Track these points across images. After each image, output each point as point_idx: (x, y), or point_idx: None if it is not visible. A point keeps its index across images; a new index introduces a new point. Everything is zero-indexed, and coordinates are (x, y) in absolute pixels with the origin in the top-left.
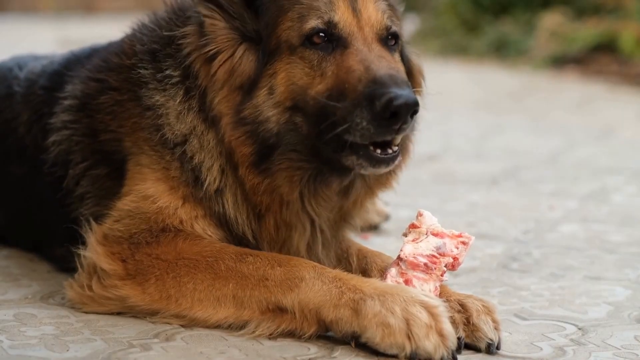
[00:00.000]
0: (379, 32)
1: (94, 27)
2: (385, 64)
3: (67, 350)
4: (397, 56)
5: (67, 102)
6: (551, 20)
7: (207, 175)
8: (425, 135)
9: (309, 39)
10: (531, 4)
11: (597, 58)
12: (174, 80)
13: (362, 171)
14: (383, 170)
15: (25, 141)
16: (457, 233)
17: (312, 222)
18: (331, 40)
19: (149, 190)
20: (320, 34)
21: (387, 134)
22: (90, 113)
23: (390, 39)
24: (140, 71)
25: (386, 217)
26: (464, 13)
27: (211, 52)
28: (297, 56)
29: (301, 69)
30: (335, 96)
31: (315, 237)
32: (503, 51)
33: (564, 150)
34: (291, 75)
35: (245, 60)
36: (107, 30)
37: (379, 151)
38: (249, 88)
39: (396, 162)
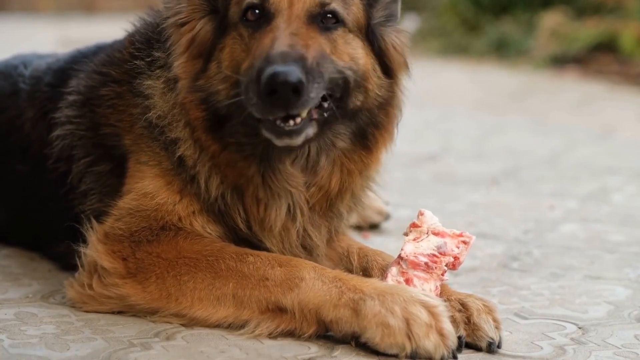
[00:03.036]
0: (310, 9)
1: (94, 27)
2: (289, 40)
3: (68, 350)
4: (337, 34)
5: (71, 98)
6: (551, 20)
7: (181, 149)
8: (425, 135)
9: (244, 15)
10: (531, 4)
11: (598, 58)
12: (161, 61)
13: (277, 143)
14: (291, 142)
15: (30, 138)
16: (457, 232)
17: (288, 200)
18: (262, 16)
19: (148, 187)
20: (255, 10)
21: (273, 111)
22: (93, 108)
23: (327, 18)
24: (136, 62)
25: (386, 217)
26: (464, 13)
27: (181, 20)
28: (237, 32)
29: (239, 45)
30: (249, 74)
31: (294, 213)
32: (503, 51)
33: (564, 150)
34: (232, 51)
35: (203, 32)
36: (107, 30)
37: (279, 122)
38: (207, 57)
39: (304, 134)
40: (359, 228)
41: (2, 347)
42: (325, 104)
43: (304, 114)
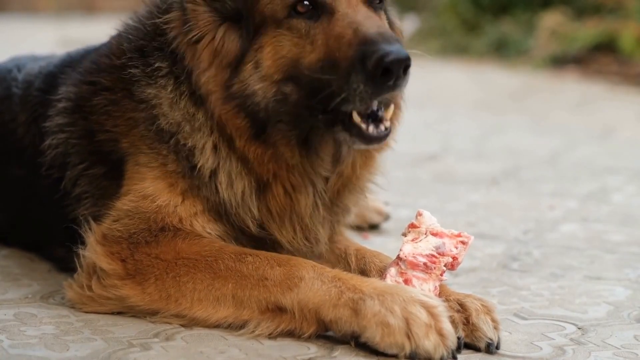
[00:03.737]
0: None
1: (94, 27)
2: (374, 22)
3: (67, 350)
4: (383, 15)
5: (61, 105)
6: (551, 20)
7: (200, 158)
8: (425, 135)
9: (294, 9)
10: (531, 4)
11: (597, 58)
12: (163, 71)
13: (355, 147)
14: (376, 147)
15: (24, 142)
16: (456, 233)
17: (314, 186)
18: (316, 7)
19: (148, 190)
20: (305, 2)
21: (383, 92)
22: (85, 115)
23: None
24: (131, 70)
25: (386, 217)
26: (464, 13)
27: (195, 38)
28: (284, 28)
29: (289, 40)
30: (328, 67)
31: (317, 201)
32: (503, 51)
33: (564, 150)
34: (279, 49)
35: (227, 40)
36: (108, 30)
37: (372, 129)
38: (236, 65)
39: (388, 139)
40: (358, 228)
41: (2, 348)
42: None
43: (389, 115)
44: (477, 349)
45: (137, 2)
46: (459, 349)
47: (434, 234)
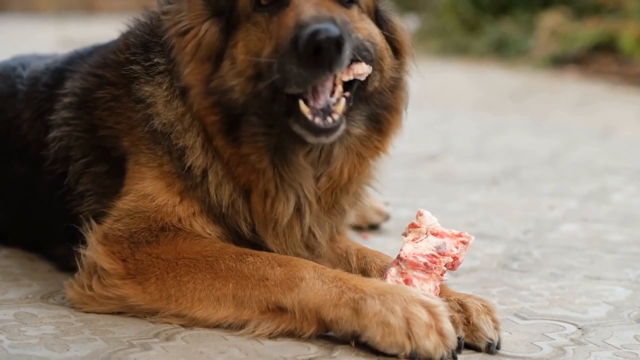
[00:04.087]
0: None
1: (94, 27)
2: (316, 9)
3: (68, 350)
4: (354, 12)
5: (67, 100)
6: (551, 20)
7: (190, 158)
8: (425, 135)
9: (258, 3)
10: (531, 4)
11: (597, 58)
12: (161, 67)
13: (309, 140)
14: (325, 140)
15: (28, 139)
16: (456, 232)
17: (297, 193)
18: (276, 0)
19: (148, 189)
20: None
21: (319, 73)
22: (89, 110)
23: None
24: (132, 67)
25: (386, 217)
26: (464, 13)
27: (184, 28)
28: (251, 22)
29: (254, 34)
30: (275, 55)
31: (302, 209)
32: (503, 51)
33: (564, 150)
34: (247, 43)
35: (209, 34)
36: (108, 30)
37: (317, 120)
38: (216, 60)
39: (339, 132)
40: (358, 229)
41: (2, 348)
42: (351, 90)
43: (340, 109)
44: (477, 349)
45: (137, 2)
46: (459, 349)
47: (435, 234)
